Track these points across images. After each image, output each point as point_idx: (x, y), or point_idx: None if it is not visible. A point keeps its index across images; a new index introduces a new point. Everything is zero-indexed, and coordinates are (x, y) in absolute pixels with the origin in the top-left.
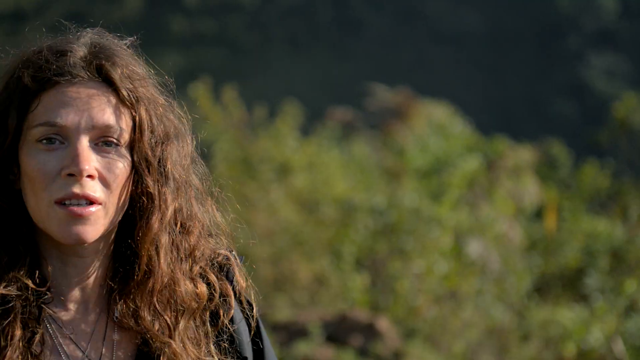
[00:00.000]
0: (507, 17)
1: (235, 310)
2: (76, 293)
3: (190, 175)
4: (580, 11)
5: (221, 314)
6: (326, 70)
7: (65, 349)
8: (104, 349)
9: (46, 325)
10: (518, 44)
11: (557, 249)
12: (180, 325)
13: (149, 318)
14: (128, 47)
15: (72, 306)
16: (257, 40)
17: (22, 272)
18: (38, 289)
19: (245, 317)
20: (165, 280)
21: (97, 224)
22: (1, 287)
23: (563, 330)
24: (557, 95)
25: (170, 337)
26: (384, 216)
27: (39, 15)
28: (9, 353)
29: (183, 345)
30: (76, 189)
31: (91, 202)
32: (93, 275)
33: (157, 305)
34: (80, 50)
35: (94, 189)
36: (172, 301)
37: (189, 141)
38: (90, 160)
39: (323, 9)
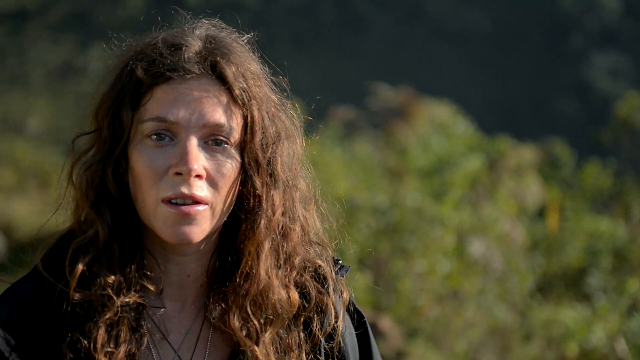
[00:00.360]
0: (510, 16)
1: (342, 322)
2: (175, 290)
3: (297, 178)
4: (583, 11)
5: (315, 325)
6: (329, 69)
7: (157, 346)
8: (196, 349)
9: (144, 324)
10: (521, 43)
11: (560, 249)
12: (267, 332)
13: (238, 321)
14: (245, 43)
15: (169, 303)
16: (260, 39)
17: (134, 274)
18: (152, 288)
19: (355, 331)
20: (261, 285)
21: (203, 224)
22: (122, 296)
23: (565, 330)
24: (560, 95)
25: (256, 343)
26: (387, 215)
27: (42, 14)
28: (117, 354)
29: (267, 352)
30: (184, 189)
31: (198, 201)
32: (193, 273)
33: (248, 310)
34: (195, 45)
35: (201, 188)
36: (264, 307)
37: (299, 143)
38: (199, 160)
39: (326, 8)
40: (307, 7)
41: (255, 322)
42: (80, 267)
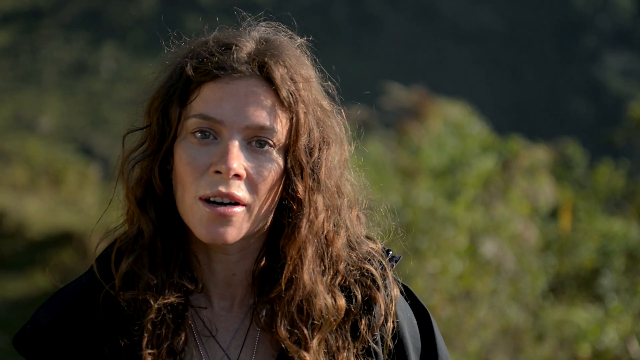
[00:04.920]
0: (524, 16)
1: (399, 319)
2: (222, 290)
3: (343, 183)
4: (596, 11)
5: (362, 327)
6: (342, 68)
7: (205, 344)
8: (244, 348)
9: (189, 322)
10: (534, 43)
11: (572, 249)
12: (316, 339)
13: (285, 327)
14: (300, 46)
15: (217, 302)
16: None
17: (176, 273)
18: (191, 288)
19: (418, 324)
20: (306, 291)
21: (239, 225)
22: (162, 298)
23: (578, 331)
24: (573, 95)
25: (306, 350)
26: (399, 215)
27: (55, 13)
28: (161, 354)
29: (317, 359)
30: (222, 188)
31: (235, 202)
32: (240, 273)
33: (295, 316)
34: (247, 45)
35: (239, 188)
36: (310, 313)
37: (345, 148)
38: (240, 159)
39: (339, 7)
40: (320, 6)
41: (303, 329)
42: (124, 266)
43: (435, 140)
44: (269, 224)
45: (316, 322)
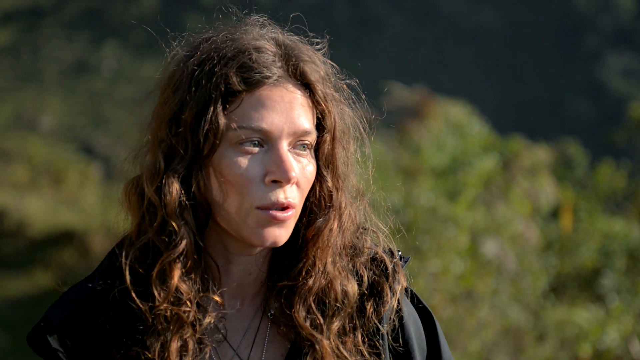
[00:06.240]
0: (525, 16)
1: (404, 309)
2: (234, 289)
3: (350, 173)
4: (597, 11)
5: (369, 309)
6: (343, 67)
7: (216, 345)
8: (254, 345)
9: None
10: (535, 43)
11: (573, 249)
12: (334, 324)
13: (303, 315)
14: (311, 44)
15: (227, 301)
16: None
17: (200, 280)
18: (220, 301)
19: (421, 319)
20: (324, 280)
21: (290, 226)
22: (198, 312)
23: (579, 331)
24: (574, 95)
25: (324, 335)
26: (400, 215)
27: (56, 12)
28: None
29: (334, 344)
30: (281, 198)
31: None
32: (255, 272)
33: (312, 304)
34: (271, 49)
35: (294, 195)
36: (327, 301)
37: (365, 142)
38: (295, 167)
39: (340, 7)
40: (321, 6)
41: (319, 316)
42: (173, 280)
43: (436, 140)
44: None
45: (333, 308)
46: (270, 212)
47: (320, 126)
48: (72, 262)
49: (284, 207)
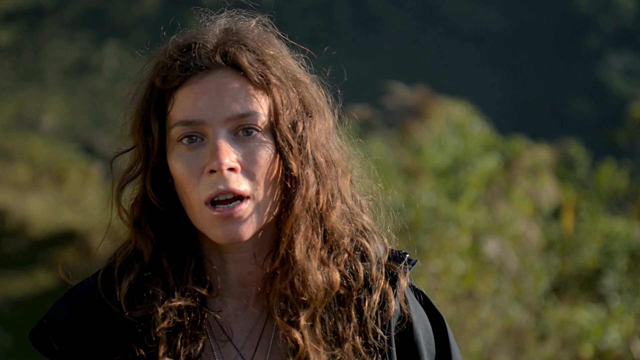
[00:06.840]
0: (527, 16)
1: (414, 323)
2: (236, 290)
3: (332, 152)
4: (599, 11)
5: (365, 307)
6: (344, 68)
7: (220, 347)
8: (258, 348)
9: (204, 326)
10: (537, 43)
11: (575, 249)
12: (304, 315)
13: (278, 306)
14: (259, 24)
15: (231, 303)
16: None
17: (190, 281)
18: (206, 295)
19: (430, 319)
20: (297, 267)
21: (250, 220)
22: (168, 301)
23: (580, 331)
24: (575, 95)
25: (296, 327)
26: (402, 215)
27: (58, 11)
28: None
29: (304, 336)
30: (221, 185)
31: (239, 197)
32: (254, 270)
33: (288, 293)
34: (208, 40)
35: (238, 182)
36: (301, 289)
37: (328, 116)
38: (230, 152)
39: (341, 7)
40: (322, 6)
41: (295, 306)
42: (124, 286)
43: (437, 140)
44: (277, 211)
45: (305, 299)
46: (217, 210)
47: (271, 107)
48: (73, 262)
49: (234, 199)
